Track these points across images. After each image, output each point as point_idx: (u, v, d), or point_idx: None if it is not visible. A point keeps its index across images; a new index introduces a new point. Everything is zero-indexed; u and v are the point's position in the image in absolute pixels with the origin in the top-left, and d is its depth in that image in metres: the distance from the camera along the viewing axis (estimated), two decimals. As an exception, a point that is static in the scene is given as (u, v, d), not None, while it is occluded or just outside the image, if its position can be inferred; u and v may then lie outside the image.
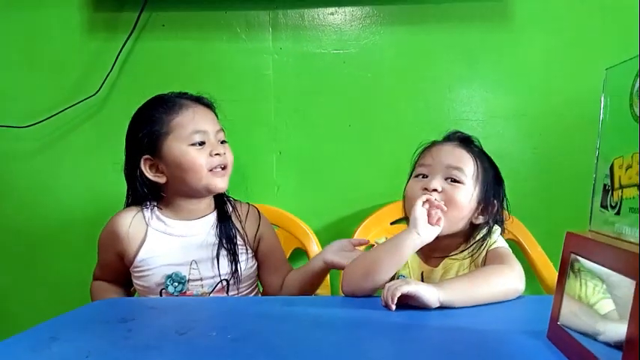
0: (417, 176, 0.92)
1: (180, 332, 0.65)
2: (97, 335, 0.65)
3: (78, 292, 1.12)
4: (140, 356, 0.57)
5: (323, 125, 1.34)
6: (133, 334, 0.65)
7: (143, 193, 1.00)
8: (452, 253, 0.91)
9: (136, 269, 0.99)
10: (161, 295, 0.97)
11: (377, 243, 0.96)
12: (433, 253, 0.92)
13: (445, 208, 0.83)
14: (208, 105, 1.04)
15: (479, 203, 0.90)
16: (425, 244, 0.82)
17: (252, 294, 1.08)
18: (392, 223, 1.26)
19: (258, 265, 1.08)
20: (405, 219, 0.96)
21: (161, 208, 1.02)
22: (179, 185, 0.99)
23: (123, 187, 1.07)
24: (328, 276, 1.19)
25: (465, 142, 0.94)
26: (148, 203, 1.02)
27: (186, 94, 1.04)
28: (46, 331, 0.66)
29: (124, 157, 1.04)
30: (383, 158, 1.33)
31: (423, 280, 0.90)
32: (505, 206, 0.95)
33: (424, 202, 0.83)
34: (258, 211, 1.09)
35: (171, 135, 0.97)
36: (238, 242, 1.03)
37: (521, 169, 1.32)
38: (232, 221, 1.04)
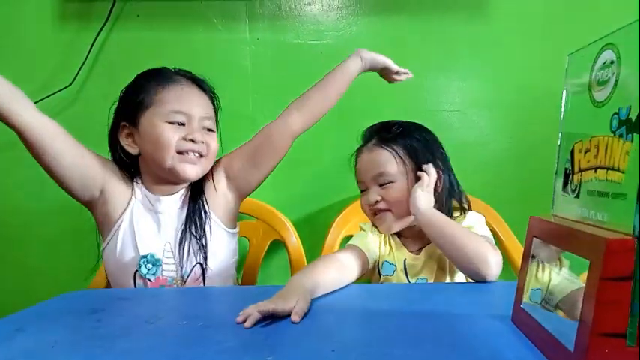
0: (362, 191, 0.98)
1: (150, 321, 0.64)
2: (64, 326, 0.65)
3: (51, 285, 1.11)
4: (108, 345, 0.56)
5: (301, 116, 1.34)
6: (102, 324, 0.64)
7: (120, 161, 0.96)
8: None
9: (111, 235, 0.93)
10: (134, 279, 0.92)
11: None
12: (415, 240, 0.94)
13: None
14: (204, 89, 0.98)
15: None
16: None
17: (231, 281, 1.03)
18: (369, 213, 1.26)
19: (261, 147, 1.04)
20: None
21: (142, 182, 0.98)
22: (149, 162, 0.94)
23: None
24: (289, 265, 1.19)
25: (380, 135, 0.96)
26: (133, 171, 0.97)
27: (186, 72, 0.99)
28: (11, 323, 0.65)
29: (105, 151, 1.00)
30: (361, 149, 1.33)
31: (405, 269, 0.92)
32: (449, 167, 0.96)
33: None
34: (220, 159, 1.03)
35: (152, 108, 0.92)
36: (213, 218, 0.97)
37: (497, 159, 1.34)
38: (205, 196, 0.98)
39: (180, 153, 0.91)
